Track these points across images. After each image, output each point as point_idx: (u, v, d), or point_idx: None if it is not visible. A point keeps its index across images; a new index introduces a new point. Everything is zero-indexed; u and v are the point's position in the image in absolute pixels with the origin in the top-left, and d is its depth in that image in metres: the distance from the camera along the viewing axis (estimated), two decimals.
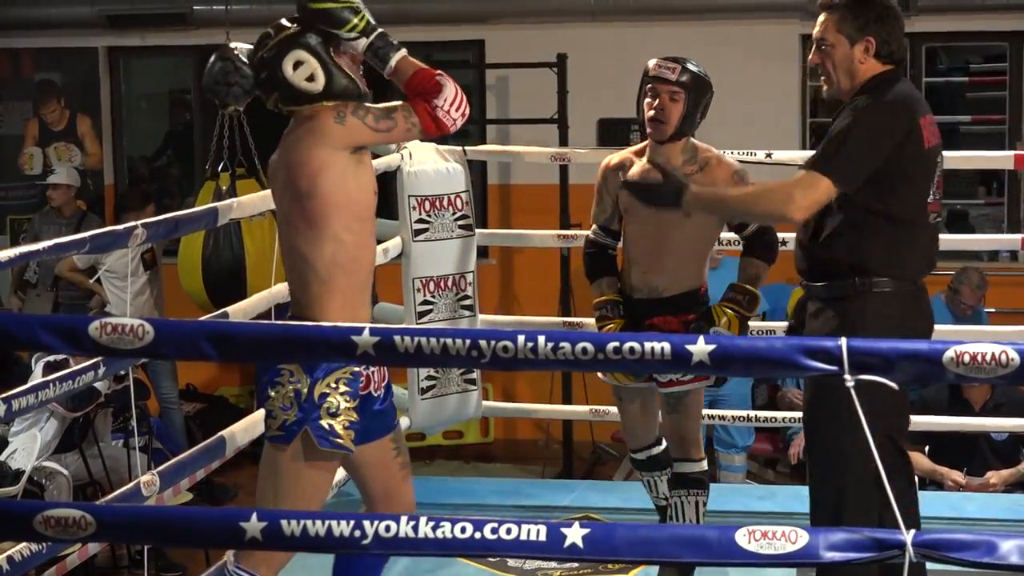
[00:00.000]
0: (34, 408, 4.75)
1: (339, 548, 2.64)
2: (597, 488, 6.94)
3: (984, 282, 8.66)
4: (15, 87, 11.23)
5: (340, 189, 3.94)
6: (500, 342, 2.45)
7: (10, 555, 4.07)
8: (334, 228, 3.95)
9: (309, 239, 3.97)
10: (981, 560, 2.31)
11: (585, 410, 7.20)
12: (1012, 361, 2.29)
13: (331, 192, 3.93)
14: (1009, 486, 7.32)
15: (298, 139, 4.00)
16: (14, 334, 2.79)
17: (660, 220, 4.96)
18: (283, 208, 4.06)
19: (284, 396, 3.93)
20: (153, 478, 4.91)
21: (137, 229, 4.32)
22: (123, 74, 11.16)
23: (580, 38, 9.78)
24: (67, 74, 11.04)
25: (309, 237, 3.97)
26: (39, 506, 2.59)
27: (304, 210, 3.95)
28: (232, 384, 10.46)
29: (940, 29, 9.91)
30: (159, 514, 3.07)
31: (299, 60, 4.02)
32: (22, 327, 2.74)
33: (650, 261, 5.11)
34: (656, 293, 5.13)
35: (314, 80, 4.01)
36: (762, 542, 2.43)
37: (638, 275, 5.16)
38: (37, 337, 2.66)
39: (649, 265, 5.12)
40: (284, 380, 3.93)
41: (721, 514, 6.00)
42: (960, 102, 11.88)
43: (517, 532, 2.47)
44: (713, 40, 9.69)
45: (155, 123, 11.81)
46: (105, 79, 11.07)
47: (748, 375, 4.97)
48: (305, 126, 4.00)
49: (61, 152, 10.81)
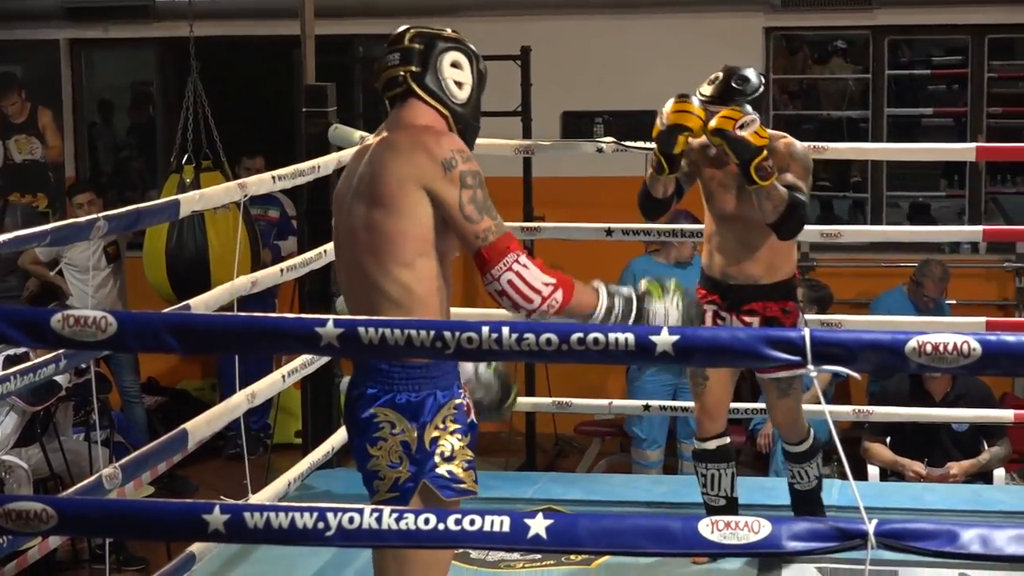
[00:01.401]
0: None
1: (303, 541, 2.63)
2: (560, 480, 6.94)
3: (947, 275, 8.69)
4: None
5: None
6: (465, 333, 2.46)
7: None
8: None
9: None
10: (942, 549, 2.32)
11: (548, 402, 7.20)
12: (974, 351, 2.31)
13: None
14: (969, 477, 7.35)
15: (397, 149, 3.63)
16: None
17: (744, 206, 5.08)
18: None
19: (391, 452, 3.54)
20: (115, 471, 4.88)
21: (99, 221, 4.29)
22: (85, 67, 11.10)
23: (544, 31, 9.77)
24: (28, 66, 10.96)
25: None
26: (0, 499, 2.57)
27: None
28: (194, 377, 10.43)
29: (902, 23, 9.95)
30: (121, 507, 3.05)
31: (457, 63, 3.74)
32: None
33: (742, 248, 5.19)
34: (754, 280, 5.20)
35: (461, 88, 3.72)
36: (725, 532, 2.43)
37: (733, 265, 5.22)
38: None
39: (743, 252, 5.19)
40: (385, 434, 3.54)
41: (685, 505, 6.03)
42: (922, 95, 11.93)
43: (480, 523, 2.47)
44: (677, 33, 9.72)
45: (117, 116, 11.74)
46: (66, 71, 11.00)
47: (711, 365, 4.97)
48: (417, 141, 3.62)
49: (22, 144, 10.78)
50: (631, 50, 9.84)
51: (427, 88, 3.69)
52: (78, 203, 8.76)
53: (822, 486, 5.57)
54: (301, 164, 5.86)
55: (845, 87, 11.73)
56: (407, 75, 3.69)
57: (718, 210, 5.21)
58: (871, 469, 7.55)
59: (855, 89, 11.27)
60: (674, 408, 7.16)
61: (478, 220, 3.53)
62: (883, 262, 9.66)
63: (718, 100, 5.01)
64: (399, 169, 3.56)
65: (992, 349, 2.29)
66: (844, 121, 11.21)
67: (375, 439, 3.55)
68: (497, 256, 3.51)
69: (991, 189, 10.56)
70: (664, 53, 9.71)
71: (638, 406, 6.96)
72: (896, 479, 7.39)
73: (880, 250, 9.62)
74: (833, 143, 6.33)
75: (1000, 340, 2.31)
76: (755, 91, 5.03)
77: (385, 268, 3.56)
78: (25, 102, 10.78)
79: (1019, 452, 8.15)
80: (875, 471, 7.53)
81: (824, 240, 6.44)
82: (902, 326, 6.60)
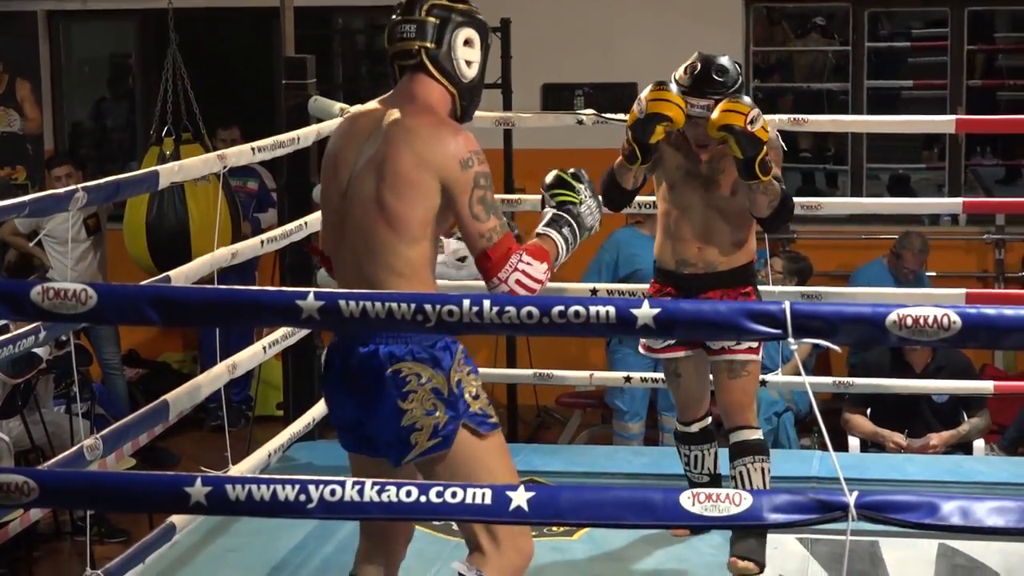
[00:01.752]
0: None
1: (285, 513, 2.63)
2: (541, 452, 6.94)
3: (926, 247, 8.72)
4: None
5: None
6: (446, 306, 2.45)
7: None
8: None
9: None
10: (923, 521, 2.32)
11: (529, 374, 7.21)
12: (954, 324, 2.31)
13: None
14: (949, 448, 7.39)
15: (417, 136, 3.69)
16: None
17: (711, 195, 5.00)
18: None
19: (423, 401, 3.63)
20: (96, 442, 4.88)
21: (78, 193, 4.27)
22: (63, 38, 11.05)
23: (524, 4, 9.72)
24: (6, 38, 10.91)
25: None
26: None
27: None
28: (175, 350, 10.42)
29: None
30: (103, 479, 3.05)
31: (470, 40, 3.79)
32: None
33: (704, 236, 5.06)
34: (712, 268, 5.07)
35: (470, 67, 3.80)
36: (706, 504, 2.43)
37: (693, 252, 5.09)
38: None
39: (704, 240, 5.06)
40: (414, 385, 3.63)
41: (666, 476, 6.03)
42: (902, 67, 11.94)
43: (463, 495, 2.47)
44: (657, 5, 9.70)
45: (96, 88, 11.69)
46: (44, 43, 10.95)
47: (693, 338, 4.97)
48: (437, 133, 3.70)
49: (0, 117, 10.73)
50: (611, 22, 9.82)
51: (440, 66, 3.77)
52: (56, 176, 8.75)
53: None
54: (280, 136, 5.84)
55: (825, 60, 11.74)
56: (422, 50, 3.76)
57: (683, 201, 5.08)
58: (851, 440, 7.58)
59: (834, 62, 11.28)
60: (655, 380, 7.17)
61: (485, 220, 3.67)
62: (863, 234, 9.68)
63: (696, 91, 4.90)
64: (418, 156, 3.66)
65: (972, 322, 2.30)
66: (824, 93, 11.22)
67: (405, 393, 3.62)
68: (502, 259, 3.65)
69: (971, 161, 10.58)
70: (644, 26, 9.70)
71: (619, 378, 6.97)
72: (876, 450, 7.42)
73: (860, 222, 9.63)
74: (813, 115, 6.34)
75: (980, 313, 2.31)
76: (735, 83, 4.96)
77: (392, 243, 3.67)
78: (3, 74, 10.73)
79: (998, 423, 8.18)
80: (855, 442, 7.56)
81: (804, 212, 6.45)
82: (882, 298, 6.62)
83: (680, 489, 2.45)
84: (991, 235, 9.77)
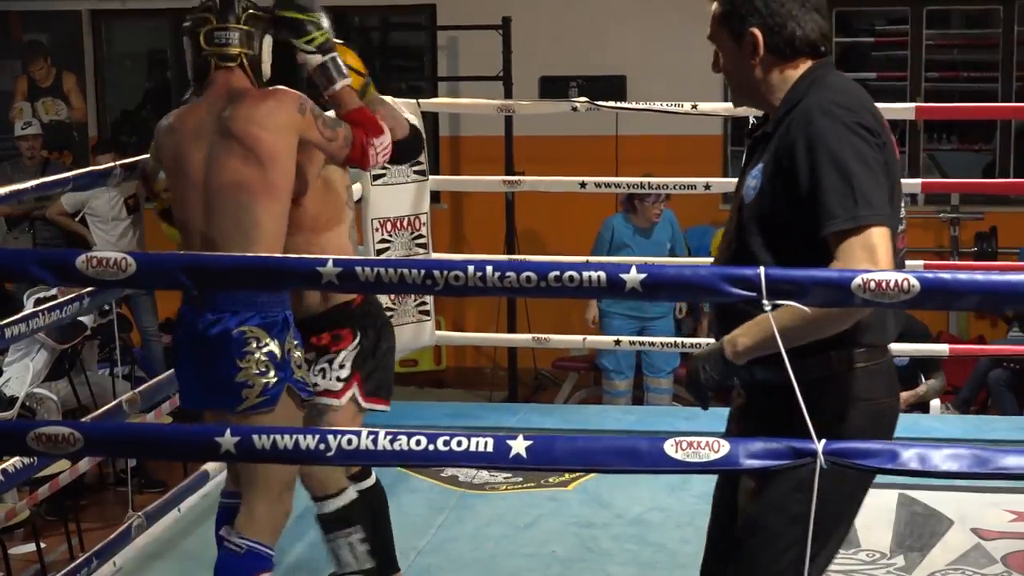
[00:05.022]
0: (26, 336, 4.72)
1: (306, 460, 2.64)
2: (539, 411, 6.96)
3: None
4: (5, 48, 11.11)
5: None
6: (452, 271, 2.45)
7: (4, 467, 4.08)
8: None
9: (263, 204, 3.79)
10: (884, 466, 2.33)
11: (527, 338, 7.24)
12: (913, 287, 2.31)
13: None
14: (908, 407, 7.39)
15: (259, 109, 3.80)
16: (9, 267, 2.78)
17: None
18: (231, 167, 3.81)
19: (257, 363, 3.72)
20: (135, 395, 4.91)
21: (116, 169, 4.32)
22: (105, 35, 11.05)
23: (524, 2, 9.73)
24: (53, 35, 10.93)
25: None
26: (31, 425, 2.57)
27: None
28: None
29: None
30: (140, 430, 3.06)
31: (270, 44, 3.96)
32: (16, 261, 2.72)
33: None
34: (311, 311, 4.12)
35: (266, 67, 3.96)
36: (688, 451, 2.44)
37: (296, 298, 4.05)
38: (29, 270, 2.63)
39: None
40: (252, 348, 3.71)
41: (651, 433, 6.04)
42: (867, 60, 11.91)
43: (467, 444, 2.47)
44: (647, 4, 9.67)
45: (135, 80, 11.69)
46: (88, 40, 10.96)
47: (676, 300, 4.97)
48: (261, 97, 3.83)
49: (48, 107, 10.76)
50: (604, 20, 9.80)
51: (255, 69, 3.90)
52: (100, 163, 8.75)
53: None
54: None
55: None
56: (242, 55, 3.88)
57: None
58: None
59: None
60: (640, 343, 7.23)
61: (335, 136, 3.87)
62: None
63: None
64: (270, 125, 3.77)
65: (929, 285, 2.30)
66: None
67: (243, 353, 3.72)
68: (363, 154, 3.93)
69: (929, 146, 10.58)
70: (635, 21, 9.67)
71: (609, 341, 7.01)
72: None
73: None
74: None
75: (936, 277, 2.31)
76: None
77: (263, 206, 3.75)
78: (51, 68, 10.78)
79: (953, 385, 8.19)
80: None
81: None
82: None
83: (664, 438, 2.45)
84: (947, 213, 9.78)
